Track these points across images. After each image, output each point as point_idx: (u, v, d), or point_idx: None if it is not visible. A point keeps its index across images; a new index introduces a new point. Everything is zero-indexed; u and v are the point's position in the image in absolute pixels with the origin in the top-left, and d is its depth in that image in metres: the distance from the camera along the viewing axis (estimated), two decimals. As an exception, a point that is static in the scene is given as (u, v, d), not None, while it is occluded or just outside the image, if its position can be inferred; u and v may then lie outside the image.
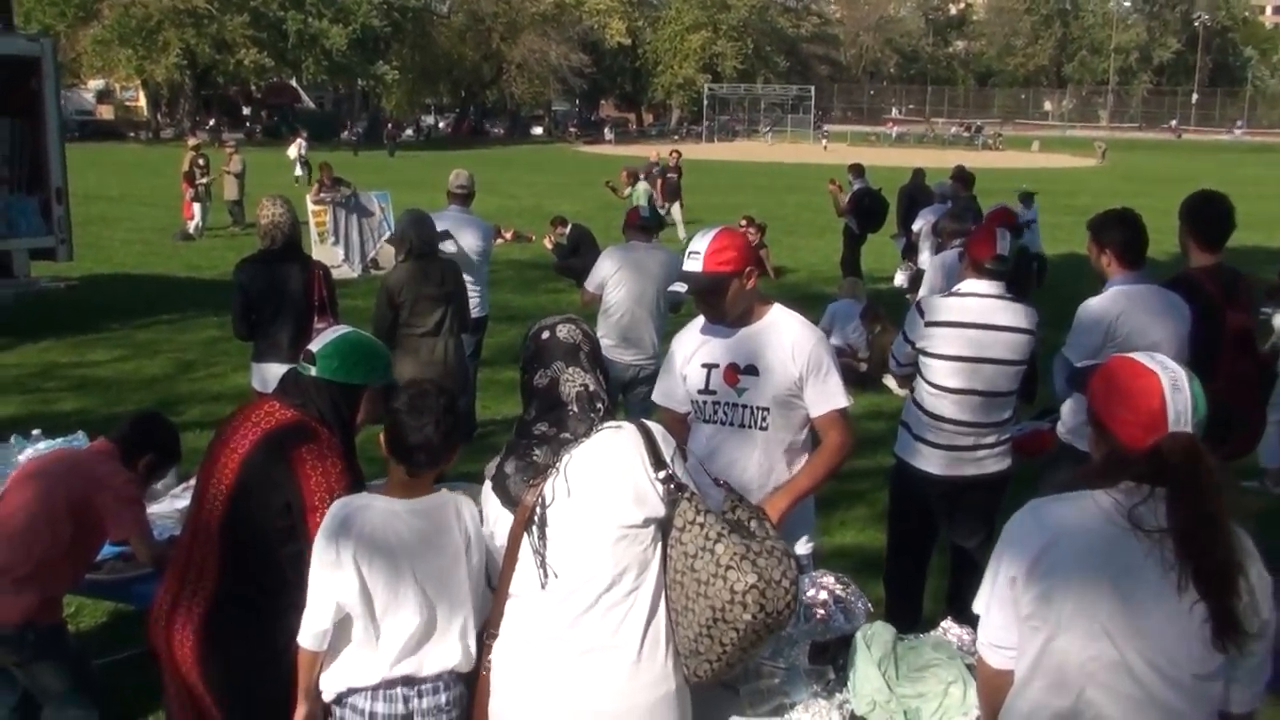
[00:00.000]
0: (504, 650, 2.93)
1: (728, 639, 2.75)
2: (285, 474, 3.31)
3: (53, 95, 14.03)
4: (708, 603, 2.74)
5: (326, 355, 3.46)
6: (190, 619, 3.38)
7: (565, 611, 2.82)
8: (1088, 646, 2.33)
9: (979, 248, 5.13)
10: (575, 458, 2.85)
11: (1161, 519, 2.31)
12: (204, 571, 3.39)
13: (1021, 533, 2.44)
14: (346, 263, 17.97)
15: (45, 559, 3.96)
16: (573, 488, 2.82)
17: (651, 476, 2.83)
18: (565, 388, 2.96)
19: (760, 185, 39.56)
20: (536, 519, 2.84)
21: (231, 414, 3.63)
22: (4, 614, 3.95)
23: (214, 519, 3.38)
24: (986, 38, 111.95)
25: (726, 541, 2.75)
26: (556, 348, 3.01)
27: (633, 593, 2.82)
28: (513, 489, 2.90)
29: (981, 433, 5.02)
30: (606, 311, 7.50)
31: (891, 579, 5.49)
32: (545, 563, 2.82)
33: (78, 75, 64.81)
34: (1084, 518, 2.37)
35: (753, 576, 2.71)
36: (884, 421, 5.68)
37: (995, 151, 68.68)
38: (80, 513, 3.99)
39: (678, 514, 2.82)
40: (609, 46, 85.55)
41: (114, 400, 10.13)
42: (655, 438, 2.89)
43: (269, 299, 6.67)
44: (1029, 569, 2.37)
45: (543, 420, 2.94)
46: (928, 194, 16.53)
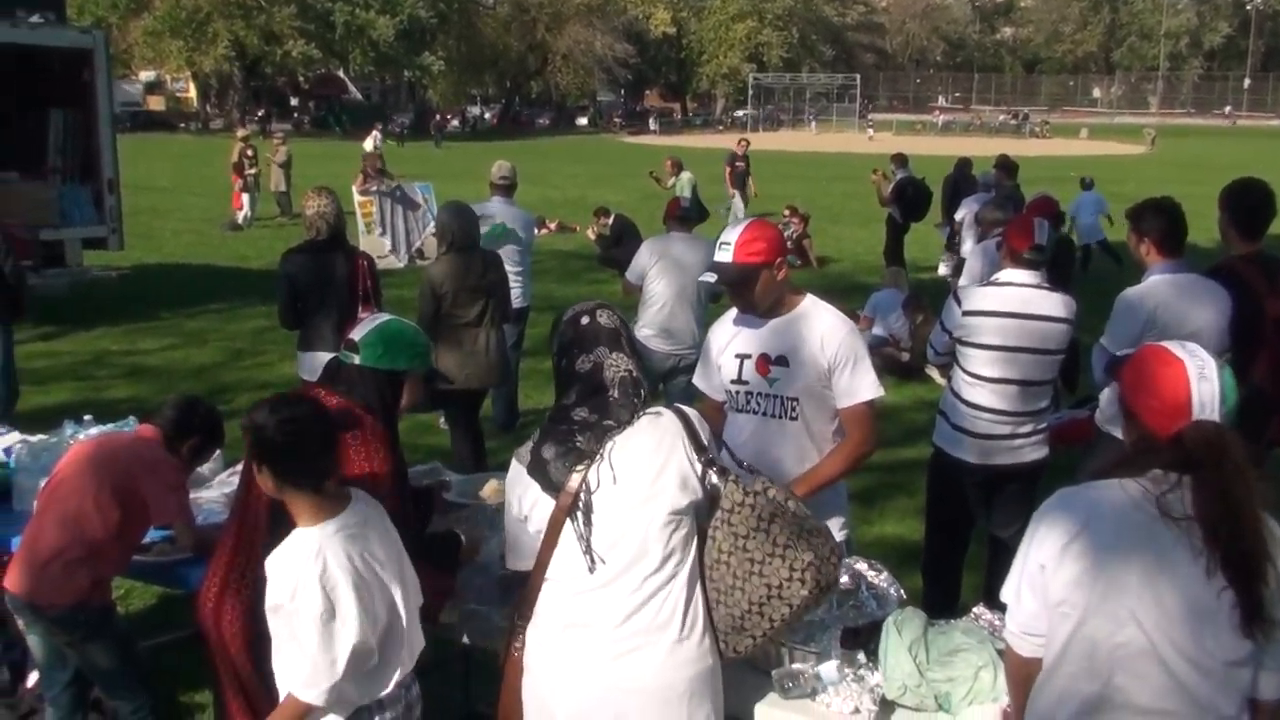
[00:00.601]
0: (542, 632, 2.98)
1: (778, 615, 2.85)
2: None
3: (104, 87, 14.23)
4: (763, 581, 2.83)
5: (369, 343, 3.52)
6: (239, 601, 3.46)
7: (610, 595, 2.88)
8: (1116, 633, 2.35)
9: (1017, 237, 5.14)
10: (619, 444, 2.89)
11: (1189, 507, 2.33)
12: (252, 555, 3.44)
13: (1052, 520, 2.46)
14: (392, 253, 18.11)
15: (95, 541, 4.04)
16: (618, 474, 2.87)
17: (694, 460, 2.89)
18: (609, 372, 2.98)
19: (804, 175, 39.42)
20: (581, 505, 2.88)
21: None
22: (57, 595, 4.05)
23: (262, 504, 3.43)
24: (1034, 24, 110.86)
25: (780, 522, 2.85)
26: (599, 333, 3.04)
27: (675, 575, 2.89)
28: (554, 474, 2.91)
29: (1019, 421, 5.03)
30: (647, 302, 7.55)
31: (929, 568, 5.51)
32: (591, 548, 2.88)
33: (129, 67, 65.50)
34: (1113, 505, 2.40)
35: (809, 554, 2.82)
36: (927, 412, 5.71)
37: (1042, 139, 68.06)
38: (126, 497, 4.07)
39: (725, 496, 2.89)
40: (654, 36, 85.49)
41: (164, 388, 10.28)
42: (694, 423, 2.95)
43: (315, 289, 6.76)
44: (1059, 555, 2.40)
45: (583, 405, 2.96)
46: (972, 183, 16.43)
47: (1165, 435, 2.39)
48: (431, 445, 7.84)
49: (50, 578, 4.04)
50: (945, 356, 5.29)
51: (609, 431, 2.92)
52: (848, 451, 4.03)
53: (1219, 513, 2.31)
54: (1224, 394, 2.38)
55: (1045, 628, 2.45)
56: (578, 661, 2.91)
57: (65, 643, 4.21)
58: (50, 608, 4.08)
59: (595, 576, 2.88)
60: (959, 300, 5.15)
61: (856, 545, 5.56)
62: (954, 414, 5.16)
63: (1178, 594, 2.33)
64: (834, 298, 4.12)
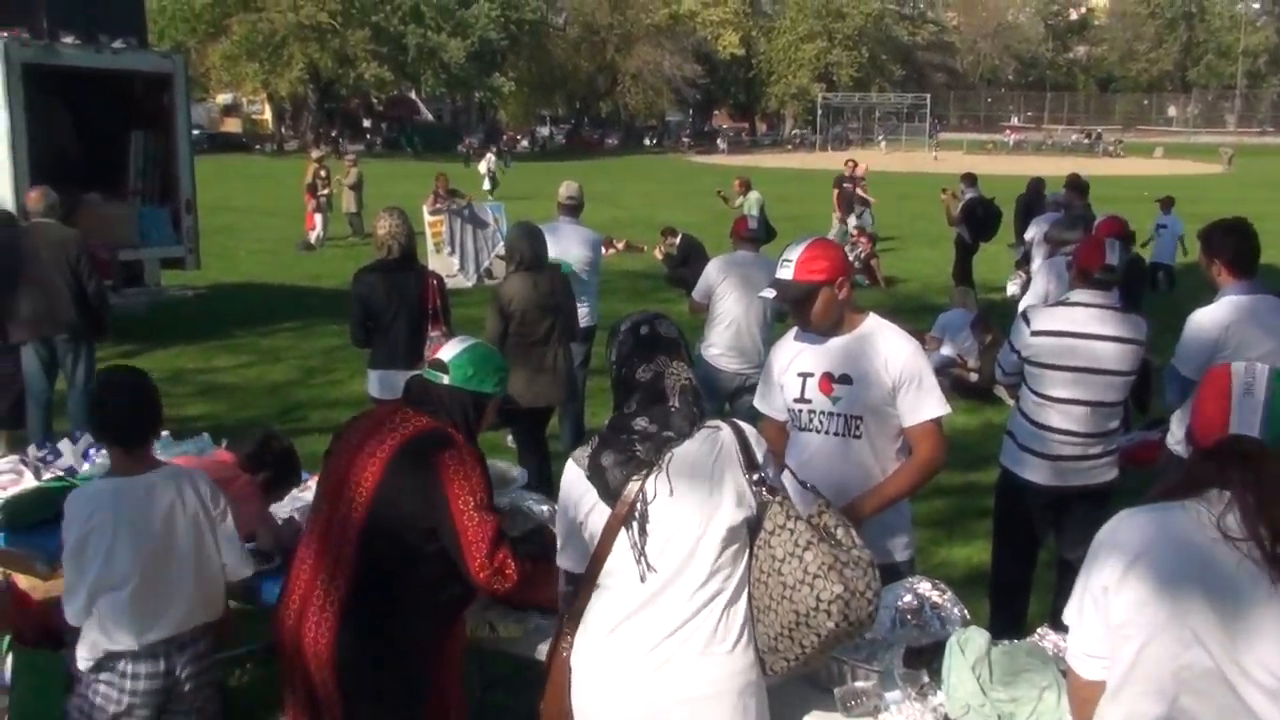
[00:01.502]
0: (590, 637, 3.01)
1: (808, 642, 2.84)
2: (431, 479, 3.39)
3: (183, 109, 14.53)
4: (792, 607, 2.83)
5: (460, 364, 3.58)
6: (325, 617, 3.45)
7: (659, 605, 2.90)
8: (1181, 654, 2.33)
9: (1087, 257, 5.10)
10: (677, 456, 2.92)
11: (1242, 526, 2.30)
12: (337, 571, 3.46)
13: (1113, 542, 2.44)
14: (461, 272, 18.30)
15: None
16: (675, 486, 2.89)
17: (747, 477, 2.91)
18: (669, 381, 3.01)
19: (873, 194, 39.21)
20: (637, 514, 2.90)
21: (356, 419, 3.72)
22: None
23: (352, 521, 3.46)
24: (1108, 43, 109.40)
25: (816, 550, 2.83)
26: (659, 342, 3.07)
27: (723, 589, 2.91)
28: (612, 482, 2.94)
29: (1088, 443, 4.99)
30: (713, 321, 7.58)
31: (995, 589, 5.46)
32: (644, 557, 2.90)
33: (207, 90, 66.80)
34: (1175, 526, 2.37)
35: (839, 587, 2.80)
36: (996, 433, 5.67)
37: (1116, 159, 67.21)
38: None
39: (768, 517, 2.90)
40: (722, 57, 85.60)
41: (239, 405, 10.47)
42: (749, 439, 2.97)
43: (386, 307, 6.87)
44: (1121, 577, 2.38)
45: (644, 415, 2.99)
46: (1043, 203, 16.30)
47: (1204, 448, 2.38)
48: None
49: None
50: (1014, 376, 5.25)
51: (668, 443, 2.94)
52: (915, 469, 4.02)
53: (1262, 530, 2.27)
54: (1271, 413, 2.33)
55: (1108, 650, 2.43)
56: (624, 669, 2.94)
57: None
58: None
59: (646, 585, 2.91)
60: (1028, 320, 5.12)
61: (925, 567, 5.56)
62: (1022, 434, 5.12)
63: (1243, 615, 2.30)
64: (902, 318, 4.13)
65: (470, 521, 3.36)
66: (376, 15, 64.87)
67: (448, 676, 3.61)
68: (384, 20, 65.37)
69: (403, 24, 66.04)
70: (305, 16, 61.84)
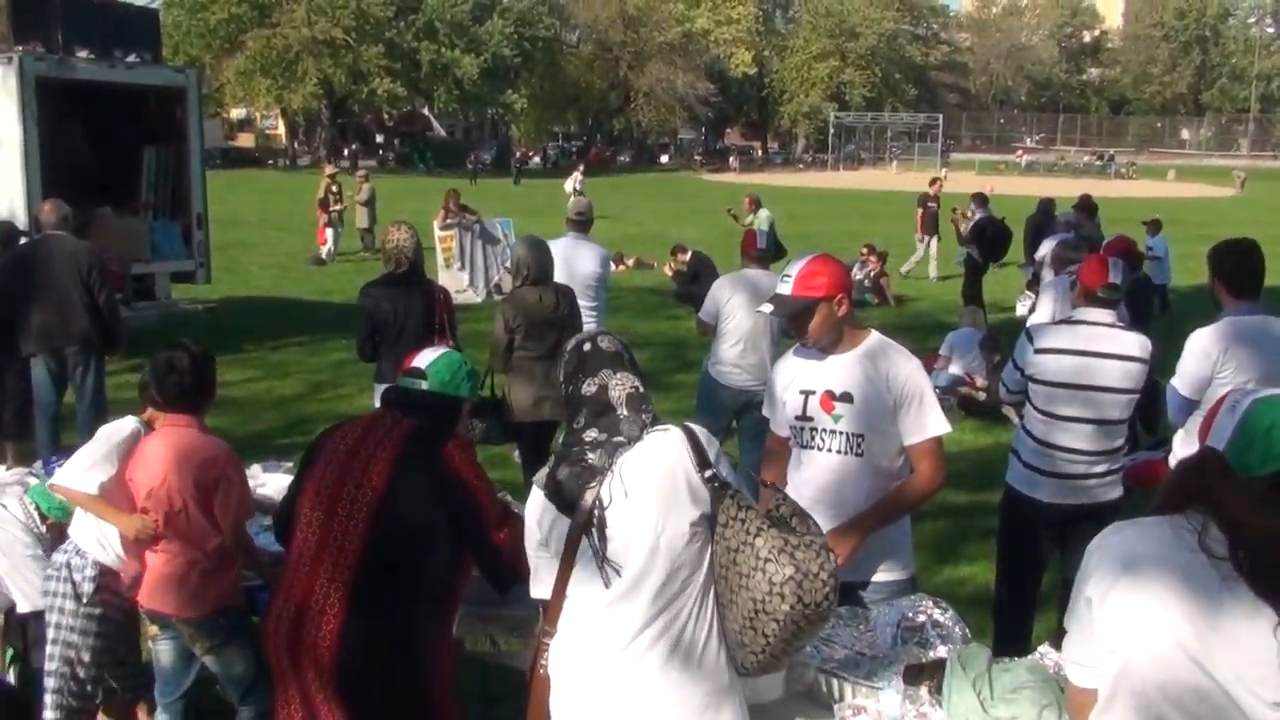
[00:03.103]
0: (564, 648, 3.02)
1: (769, 630, 2.81)
2: (443, 470, 3.54)
3: (196, 124, 14.63)
4: (749, 595, 2.82)
5: (437, 370, 3.71)
6: (326, 619, 3.48)
7: (625, 608, 2.91)
8: (1162, 670, 2.33)
9: (1091, 275, 5.11)
10: (629, 460, 2.94)
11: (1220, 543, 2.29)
12: (337, 574, 3.50)
13: (1100, 557, 2.44)
14: (471, 287, 18.35)
15: (218, 547, 4.21)
16: (629, 489, 2.90)
17: (700, 474, 2.92)
18: (615, 392, 3.04)
19: (885, 213, 39.26)
20: (595, 521, 2.93)
21: (337, 428, 3.77)
22: (199, 605, 4.19)
23: (356, 523, 3.51)
24: (1122, 65, 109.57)
25: (766, 535, 2.82)
26: (600, 356, 3.10)
27: (688, 589, 2.92)
28: (568, 493, 2.97)
29: (1092, 461, 4.98)
30: (721, 338, 7.59)
31: (999, 607, 5.44)
32: (607, 562, 2.92)
33: (221, 105, 67.13)
34: (1159, 542, 2.37)
35: (790, 569, 2.78)
36: (1003, 452, 5.68)
37: (1128, 180, 67.15)
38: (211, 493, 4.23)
39: (720, 510, 2.90)
40: (735, 75, 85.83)
41: (248, 419, 10.49)
42: (699, 438, 2.99)
43: (392, 322, 6.88)
44: (1104, 592, 2.38)
45: (593, 426, 3.03)
46: (1054, 223, 16.31)
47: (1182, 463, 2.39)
48: (505, 479, 7.91)
49: (191, 591, 4.19)
50: (1018, 394, 5.25)
51: (619, 447, 2.97)
52: (916, 487, 4.03)
53: (1235, 548, 2.26)
54: (1243, 430, 2.28)
55: (1096, 659, 2.44)
56: (598, 677, 2.94)
57: (206, 649, 4.29)
58: (193, 617, 4.22)
59: (611, 590, 2.92)
60: (1032, 338, 5.12)
61: (929, 585, 5.54)
62: (1027, 452, 5.12)
63: (1226, 633, 2.29)
64: (911, 336, 4.15)
65: (488, 499, 3.59)
66: (390, 31, 65.23)
67: (443, 674, 3.64)
68: (398, 36, 65.72)
69: (416, 40, 66.39)
70: (319, 32, 62.20)
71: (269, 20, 63.49)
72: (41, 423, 8.58)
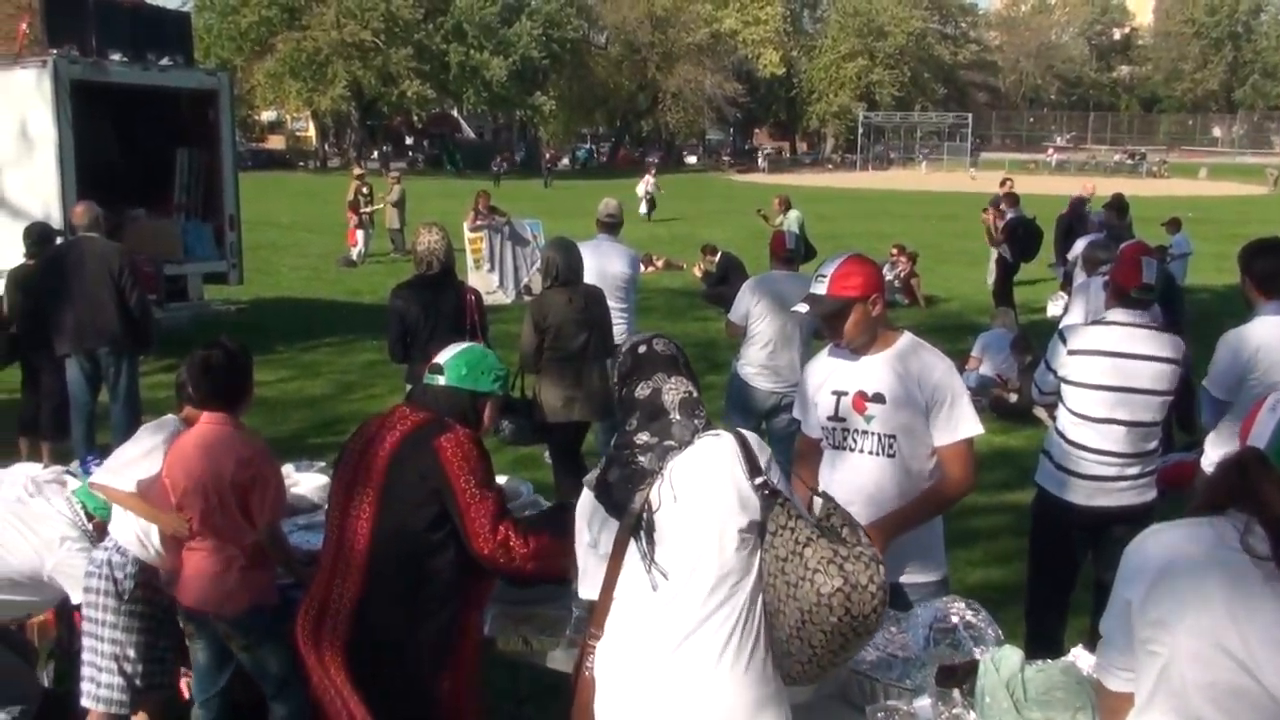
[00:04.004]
0: (610, 651, 3.02)
1: (816, 641, 2.81)
2: (431, 463, 3.51)
3: (228, 126, 14.74)
4: (796, 605, 2.81)
5: (455, 365, 3.72)
6: (339, 619, 3.54)
7: (673, 613, 2.90)
8: (1205, 672, 2.31)
9: (1124, 276, 5.07)
10: (679, 464, 2.94)
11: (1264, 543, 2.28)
12: (348, 573, 3.55)
13: (1139, 558, 2.43)
14: (501, 289, 18.40)
15: (255, 546, 4.24)
16: (679, 493, 2.90)
17: (750, 481, 2.91)
18: (668, 396, 3.03)
19: (916, 214, 39.14)
20: (644, 524, 2.92)
21: (362, 427, 3.82)
22: (233, 604, 4.21)
23: (361, 521, 3.55)
24: (1153, 63, 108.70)
25: (815, 545, 2.81)
26: (656, 359, 3.10)
27: (736, 595, 2.90)
28: (617, 495, 2.97)
29: (1125, 463, 4.94)
30: (750, 340, 7.57)
31: (1031, 610, 5.41)
32: (654, 566, 2.91)
33: (251, 107, 67.52)
34: (1200, 543, 2.35)
35: (839, 580, 2.77)
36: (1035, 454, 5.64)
37: (1160, 179, 66.65)
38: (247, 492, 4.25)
39: (770, 519, 2.89)
40: (763, 76, 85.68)
41: (279, 419, 10.55)
42: (751, 445, 2.99)
43: (424, 323, 6.91)
44: (1144, 593, 2.37)
45: (645, 429, 3.02)
46: (1085, 223, 16.22)
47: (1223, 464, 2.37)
48: (536, 479, 7.93)
49: (228, 589, 4.22)
50: (1050, 396, 5.22)
51: (670, 451, 2.96)
52: (946, 489, 4.02)
53: (1278, 548, 2.24)
54: None
55: (1133, 664, 2.42)
56: (643, 681, 2.94)
57: (241, 647, 4.32)
58: (229, 614, 4.24)
59: (658, 594, 2.92)
60: (1064, 339, 5.09)
61: (960, 587, 5.52)
62: (1059, 454, 5.08)
63: (1268, 633, 2.28)
64: (942, 337, 4.13)
65: (471, 499, 3.49)
66: (419, 33, 65.43)
67: (461, 675, 3.63)
68: (426, 38, 65.91)
69: (445, 42, 66.57)
70: (349, 35, 62.48)
71: (299, 23, 63.81)
72: (77, 423, 8.66)
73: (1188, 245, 18.15)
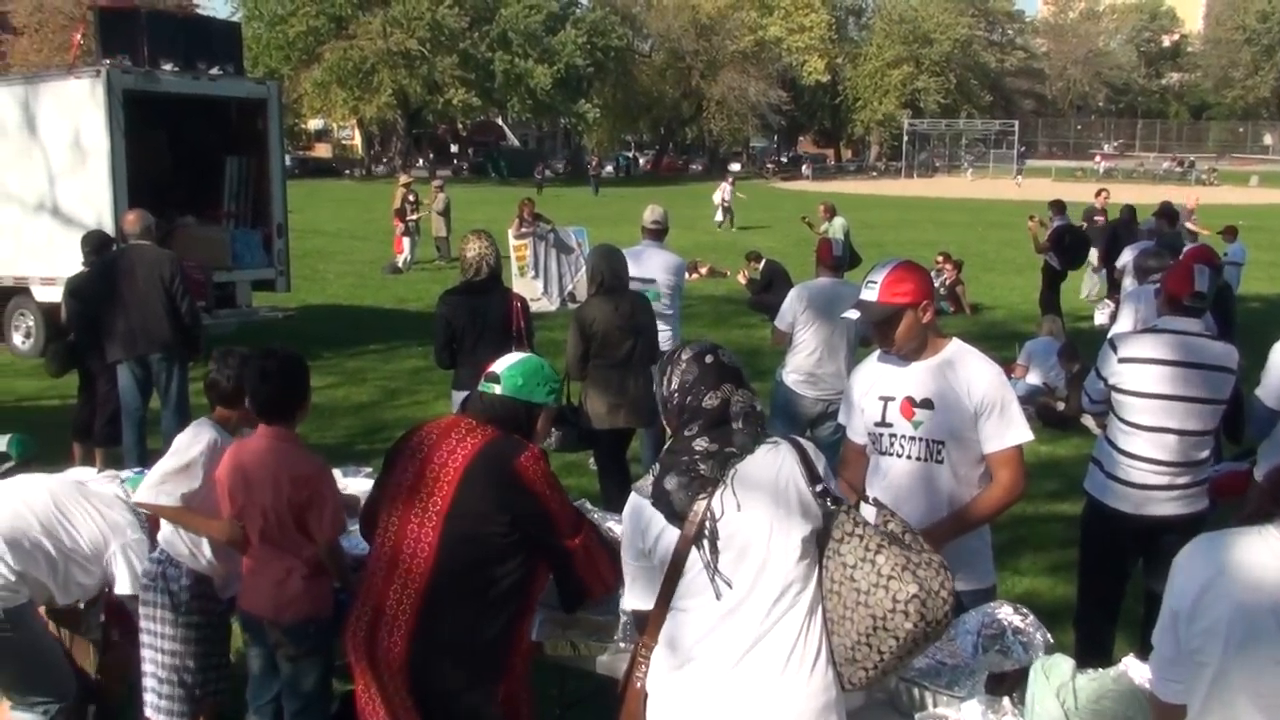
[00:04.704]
0: (668, 661, 3.00)
1: (886, 647, 2.82)
2: (516, 486, 3.51)
3: (277, 135, 14.89)
4: (868, 611, 2.81)
5: (512, 375, 3.69)
6: (397, 625, 3.52)
7: (738, 623, 2.89)
8: (1256, 681, 2.30)
9: (1176, 283, 5.03)
10: (741, 471, 2.93)
11: None
12: (409, 581, 3.52)
13: (1187, 568, 2.41)
14: (545, 296, 18.43)
15: (314, 557, 4.21)
16: (743, 501, 2.89)
17: (811, 489, 2.92)
18: (735, 408, 3.02)
19: (961, 221, 38.92)
20: (707, 532, 2.90)
21: (414, 432, 3.77)
22: (291, 612, 4.20)
23: (426, 530, 3.53)
24: (1203, 69, 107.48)
25: (888, 553, 2.83)
26: (725, 370, 3.09)
27: (799, 603, 2.90)
28: (678, 503, 2.94)
29: (1177, 472, 4.90)
30: (795, 348, 7.56)
31: (1080, 620, 5.37)
32: (718, 575, 2.89)
33: (299, 115, 68.08)
34: (1250, 553, 2.34)
35: (914, 586, 2.79)
36: (1082, 463, 5.59)
37: (1209, 187, 65.87)
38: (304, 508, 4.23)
39: (835, 526, 2.90)
40: (808, 83, 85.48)
41: (325, 425, 10.62)
42: (809, 452, 2.99)
43: (470, 329, 6.94)
44: (1192, 604, 2.35)
45: (704, 436, 3.00)
46: (1133, 231, 16.08)
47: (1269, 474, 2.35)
48: (582, 486, 7.96)
49: (289, 596, 4.20)
50: (1101, 404, 5.18)
51: (731, 458, 2.95)
52: (996, 496, 3.99)
53: None
54: None
55: (1183, 673, 2.40)
56: (705, 689, 2.92)
57: (289, 656, 4.29)
58: (285, 621, 4.23)
59: (722, 603, 2.90)
60: (1115, 347, 5.05)
61: (1008, 595, 5.48)
62: (1109, 462, 5.04)
63: None
64: (988, 345, 4.11)
65: (561, 510, 3.56)
66: (464, 42, 65.71)
67: (515, 680, 3.64)
68: (472, 47, 66.19)
69: (490, 51, 66.82)
70: (395, 43, 62.83)
71: (346, 32, 64.25)
72: (128, 429, 8.77)
73: (1244, 254, 17.95)
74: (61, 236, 12.79)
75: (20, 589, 4.50)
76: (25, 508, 4.64)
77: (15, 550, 4.51)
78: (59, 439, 8.94)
